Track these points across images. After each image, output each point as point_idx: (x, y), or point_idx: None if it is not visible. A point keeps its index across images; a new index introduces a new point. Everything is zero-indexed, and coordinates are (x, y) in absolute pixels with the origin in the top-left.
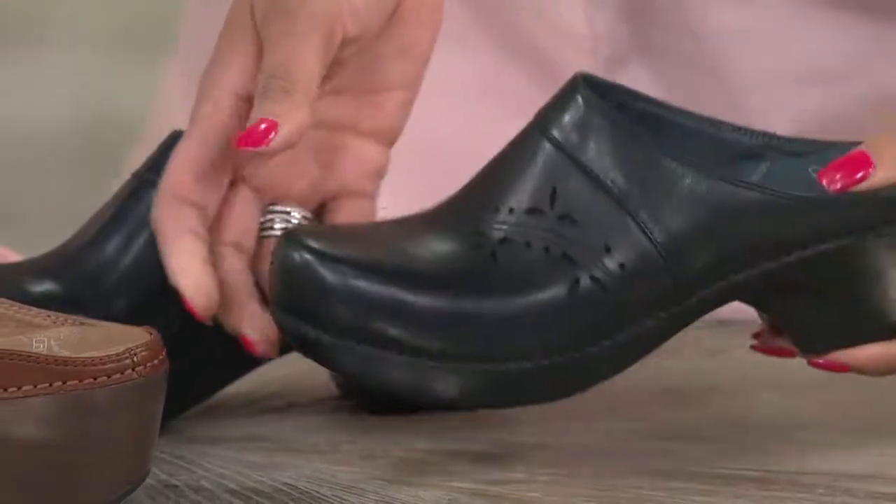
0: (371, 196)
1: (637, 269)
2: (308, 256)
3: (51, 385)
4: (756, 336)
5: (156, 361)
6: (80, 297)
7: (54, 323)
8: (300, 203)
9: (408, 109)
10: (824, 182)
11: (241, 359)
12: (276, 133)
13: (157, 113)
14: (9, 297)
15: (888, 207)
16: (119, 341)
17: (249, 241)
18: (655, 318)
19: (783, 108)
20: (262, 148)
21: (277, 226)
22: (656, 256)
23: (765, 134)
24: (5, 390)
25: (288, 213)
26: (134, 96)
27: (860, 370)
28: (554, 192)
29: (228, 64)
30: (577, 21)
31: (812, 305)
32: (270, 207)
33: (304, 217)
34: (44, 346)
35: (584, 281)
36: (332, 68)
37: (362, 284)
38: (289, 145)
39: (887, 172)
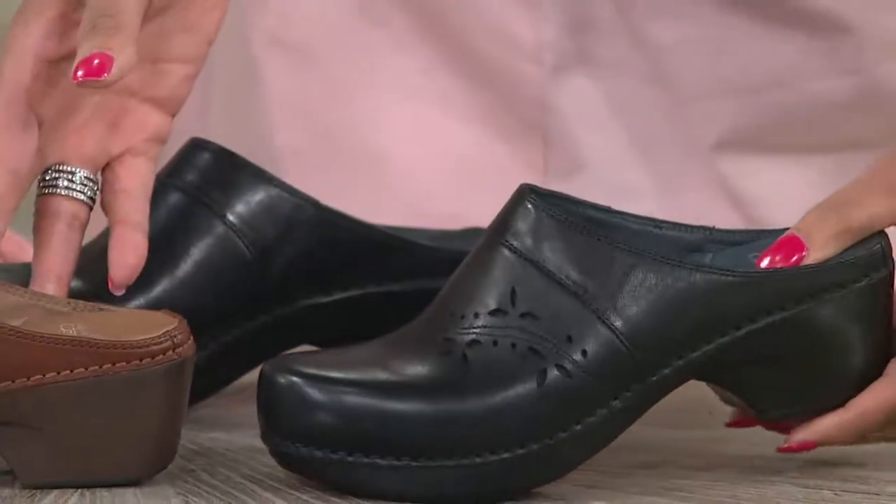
0: (153, 159)
1: (600, 355)
2: (294, 378)
3: (101, 367)
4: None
5: (189, 343)
6: (102, 294)
7: (74, 309)
8: (88, 162)
9: (190, 83)
10: (763, 265)
11: (256, 350)
12: (112, 65)
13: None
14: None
15: (827, 275)
16: (150, 325)
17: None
18: (622, 398)
19: (721, 116)
20: (104, 78)
21: (61, 184)
22: (616, 342)
23: (704, 228)
24: (57, 373)
25: (72, 172)
26: None
27: (826, 443)
28: (513, 292)
29: (33, 25)
30: (522, 29)
31: (766, 375)
32: (55, 166)
33: (86, 177)
34: (74, 331)
35: (552, 371)
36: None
37: (347, 399)
38: (123, 76)
39: (818, 253)
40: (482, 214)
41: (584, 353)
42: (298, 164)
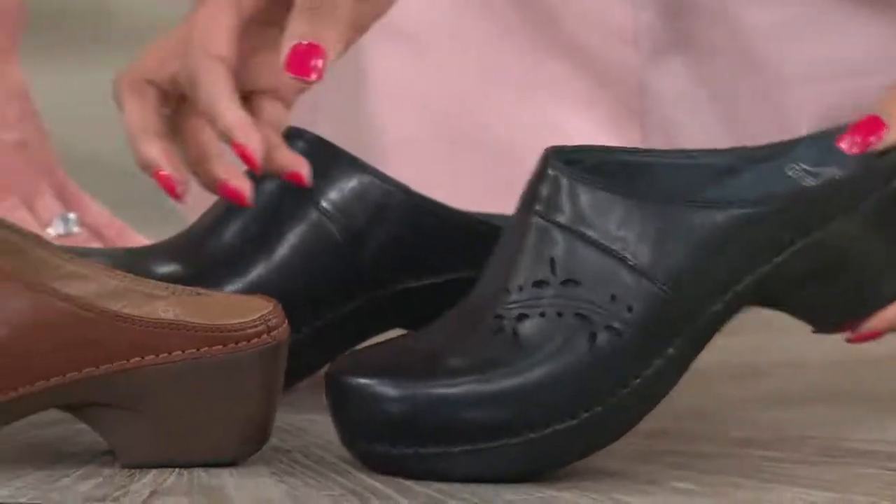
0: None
1: (645, 308)
2: (360, 379)
3: (197, 350)
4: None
5: (284, 327)
6: (199, 278)
7: (172, 293)
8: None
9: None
10: (843, 146)
11: (349, 334)
12: (323, 59)
13: None
14: None
15: (858, 187)
16: (246, 309)
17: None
18: (675, 345)
19: (816, 100)
20: (311, 78)
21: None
22: (659, 292)
23: (733, 149)
24: (156, 356)
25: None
26: None
27: (893, 329)
28: (552, 261)
29: None
30: (619, 15)
31: (814, 290)
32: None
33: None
34: (171, 315)
35: (601, 334)
36: None
37: (412, 391)
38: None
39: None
40: None
41: (629, 308)
42: (407, 151)
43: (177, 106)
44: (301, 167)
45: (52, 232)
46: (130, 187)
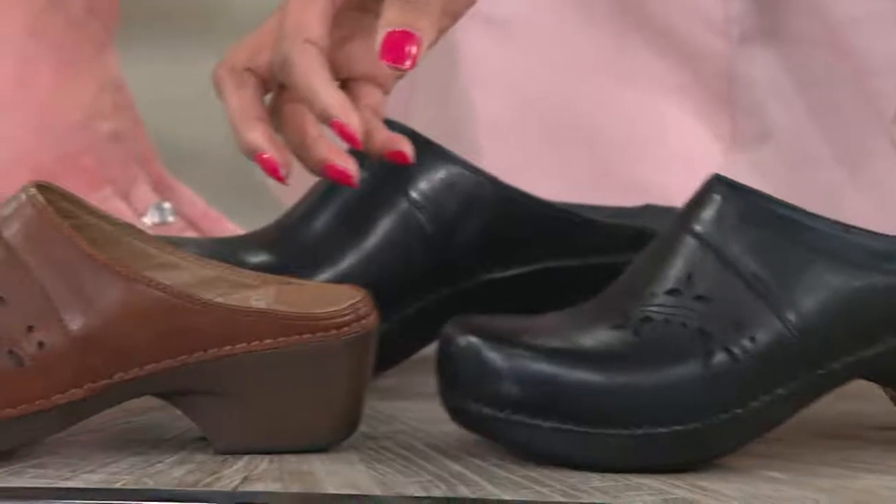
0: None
1: (768, 343)
2: (474, 340)
3: (288, 338)
4: None
5: (373, 316)
6: (290, 267)
7: (264, 283)
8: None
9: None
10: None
11: (437, 323)
12: (418, 47)
13: None
14: None
15: None
16: (336, 298)
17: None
18: (786, 387)
19: None
20: (406, 65)
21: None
22: (786, 333)
23: (890, 237)
24: (248, 343)
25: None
26: None
27: None
28: (690, 275)
29: None
30: (710, 3)
31: None
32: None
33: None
34: (263, 303)
35: (719, 353)
36: None
37: (524, 363)
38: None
39: None
40: (671, 185)
41: (752, 339)
42: (499, 136)
43: (277, 93)
44: (403, 145)
45: (148, 221)
46: (227, 178)
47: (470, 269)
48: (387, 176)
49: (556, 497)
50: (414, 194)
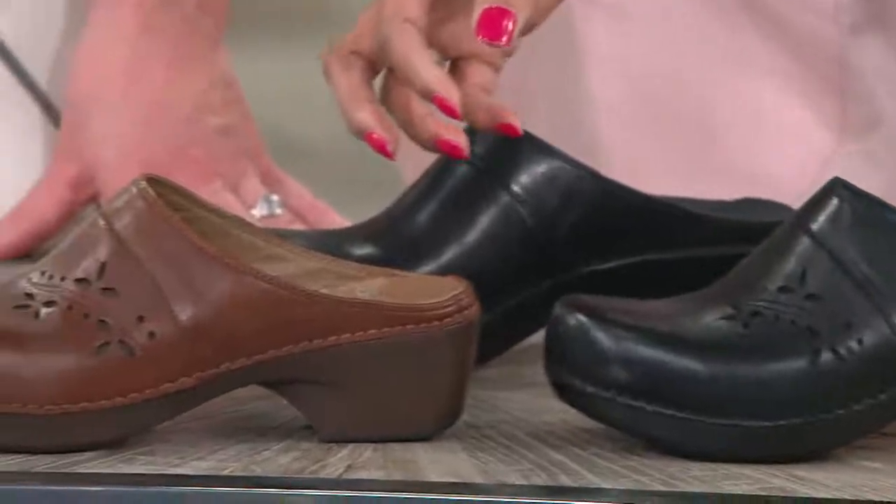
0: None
1: (875, 347)
2: (584, 319)
3: (392, 329)
4: None
5: (475, 307)
6: (394, 260)
7: (369, 274)
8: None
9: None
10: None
11: (538, 314)
12: (513, 26)
13: None
14: None
15: None
16: (439, 290)
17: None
18: (889, 392)
19: None
20: (502, 42)
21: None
22: (894, 338)
23: None
24: (352, 334)
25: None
26: None
27: None
28: (804, 273)
29: None
30: None
31: None
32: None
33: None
34: (368, 295)
35: (825, 353)
36: None
37: (631, 346)
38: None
39: None
40: (781, 173)
41: (859, 341)
42: (615, 121)
43: (385, 75)
44: (512, 118)
45: (256, 213)
46: (335, 172)
47: (570, 262)
48: (488, 170)
49: (656, 486)
50: (515, 188)
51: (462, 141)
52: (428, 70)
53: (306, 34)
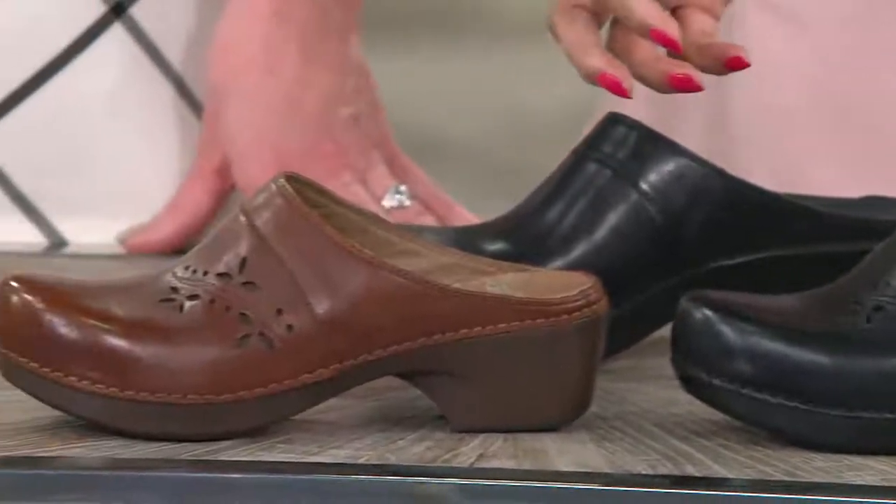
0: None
1: None
2: (709, 313)
3: (522, 322)
4: None
5: (603, 302)
6: (525, 255)
7: (499, 269)
8: None
9: None
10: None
11: (665, 309)
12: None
13: (605, 102)
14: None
15: None
16: (568, 284)
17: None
18: None
19: None
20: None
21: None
22: None
23: None
24: (483, 327)
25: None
26: None
27: None
28: None
29: None
30: None
31: None
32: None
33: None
34: (499, 289)
35: None
36: None
37: (755, 339)
38: None
39: None
40: None
41: None
42: (785, 125)
43: (610, 25)
44: (738, 51)
45: (386, 205)
46: (470, 170)
47: (696, 258)
48: (618, 168)
49: (779, 476)
50: (644, 186)
51: (693, 73)
52: (643, 5)
53: (439, 36)
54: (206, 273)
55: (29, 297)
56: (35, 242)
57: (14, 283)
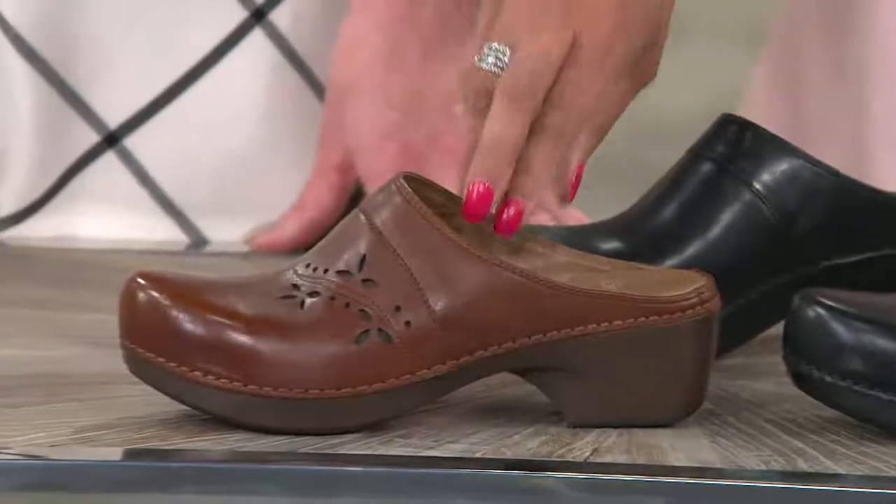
0: None
1: None
2: (821, 311)
3: (636, 320)
4: None
5: (716, 300)
6: (639, 254)
7: (614, 268)
8: None
9: None
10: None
11: (778, 307)
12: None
13: (749, 106)
14: None
15: None
16: (682, 283)
17: None
18: None
19: None
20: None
21: (490, 60)
22: None
23: None
24: (598, 325)
25: (502, 51)
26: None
27: None
28: None
29: None
30: None
31: None
32: (487, 44)
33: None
34: (614, 287)
35: None
36: None
37: (868, 338)
38: None
39: None
40: None
41: None
42: None
43: None
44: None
45: None
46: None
47: (809, 257)
48: (731, 169)
49: (891, 472)
50: (757, 186)
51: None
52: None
53: None
54: (325, 271)
55: (155, 294)
56: (177, 241)
57: (141, 280)
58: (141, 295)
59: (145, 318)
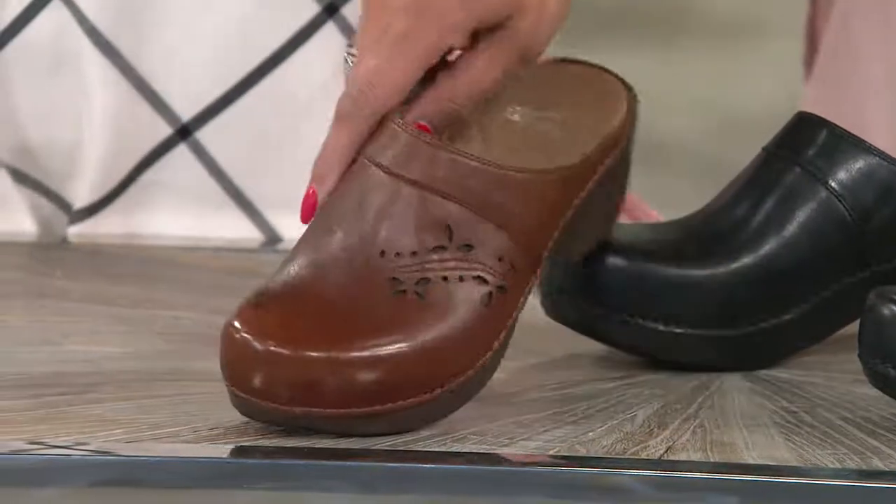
0: None
1: None
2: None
3: None
4: None
5: None
6: (713, 252)
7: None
8: None
9: None
10: None
11: (854, 304)
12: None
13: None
14: None
15: None
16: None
17: None
18: None
19: None
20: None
21: (349, 66)
22: None
23: None
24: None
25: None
26: None
27: None
28: None
29: None
30: None
31: None
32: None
33: None
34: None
35: None
36: None
37: None
38: None
39: None
40: None
41: None
42: None
43: None
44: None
45: None
46: (700, 168)
47: (884, 254)
48: (806, 166)
49: None
50: (833, 184)
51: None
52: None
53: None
54: (413, 253)
55: (256, 344)
56: (251, 238)
57: (237, 325)
58: (237, 337)
59: (245, 365)
